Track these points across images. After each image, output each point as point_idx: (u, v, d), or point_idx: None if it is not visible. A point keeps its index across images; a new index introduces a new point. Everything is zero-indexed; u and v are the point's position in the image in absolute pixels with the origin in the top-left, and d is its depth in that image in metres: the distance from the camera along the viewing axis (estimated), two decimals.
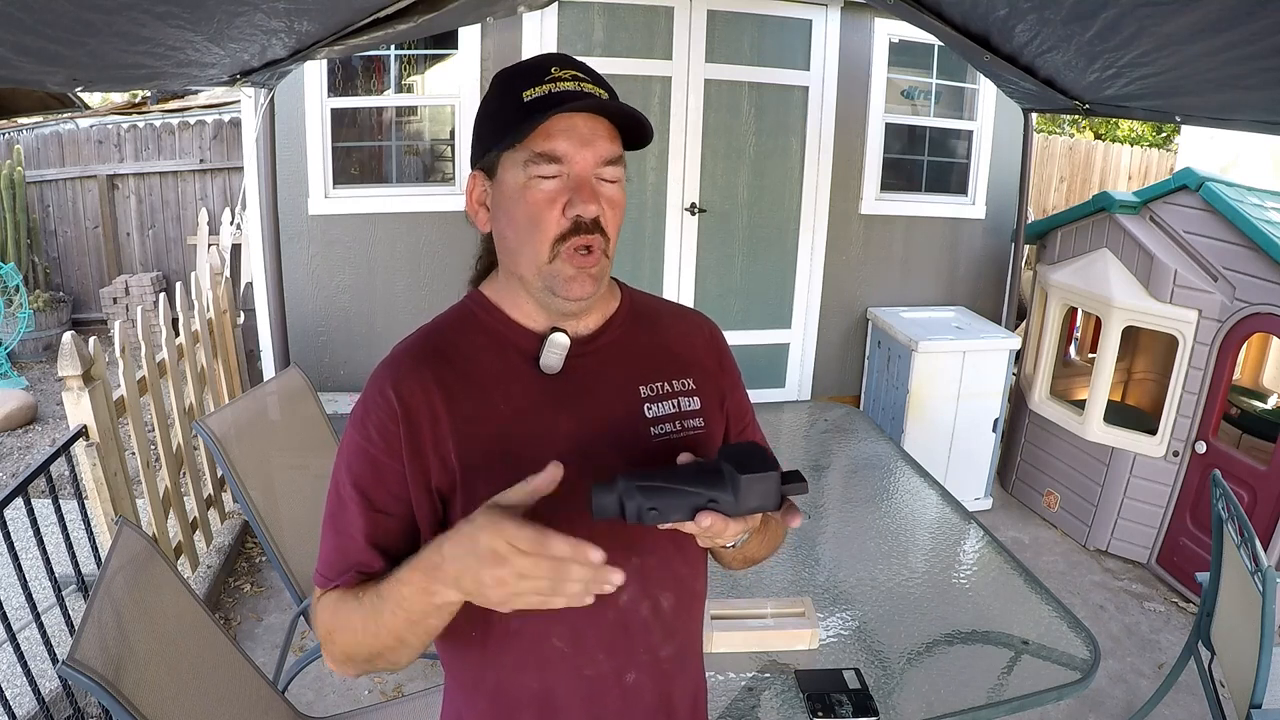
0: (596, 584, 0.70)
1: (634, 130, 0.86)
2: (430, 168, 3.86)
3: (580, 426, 0.88)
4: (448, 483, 0.85)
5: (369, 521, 0.86)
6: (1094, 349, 3.45)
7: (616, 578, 0.70)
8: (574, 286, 0.84)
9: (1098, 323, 3.33)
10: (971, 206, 4.25)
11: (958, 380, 3.47)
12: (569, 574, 0.68)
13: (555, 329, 0.89)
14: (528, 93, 0.82)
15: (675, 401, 0.93)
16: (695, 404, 0.94)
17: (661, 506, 0.76)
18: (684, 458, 0.82)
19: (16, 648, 1.77)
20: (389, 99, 3.71)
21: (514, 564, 0.68)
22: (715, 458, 0.81)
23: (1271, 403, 3.43)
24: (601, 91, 0.84)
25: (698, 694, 1.02)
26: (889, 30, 3.89)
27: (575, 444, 0.87)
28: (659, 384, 0.93)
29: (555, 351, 0.88)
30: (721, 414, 0.98)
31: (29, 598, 1.81)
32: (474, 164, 0.90)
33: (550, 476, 0.73)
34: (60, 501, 1.93)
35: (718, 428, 0.97)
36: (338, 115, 3.53)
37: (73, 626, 1.79)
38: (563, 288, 0.84)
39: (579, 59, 0.87)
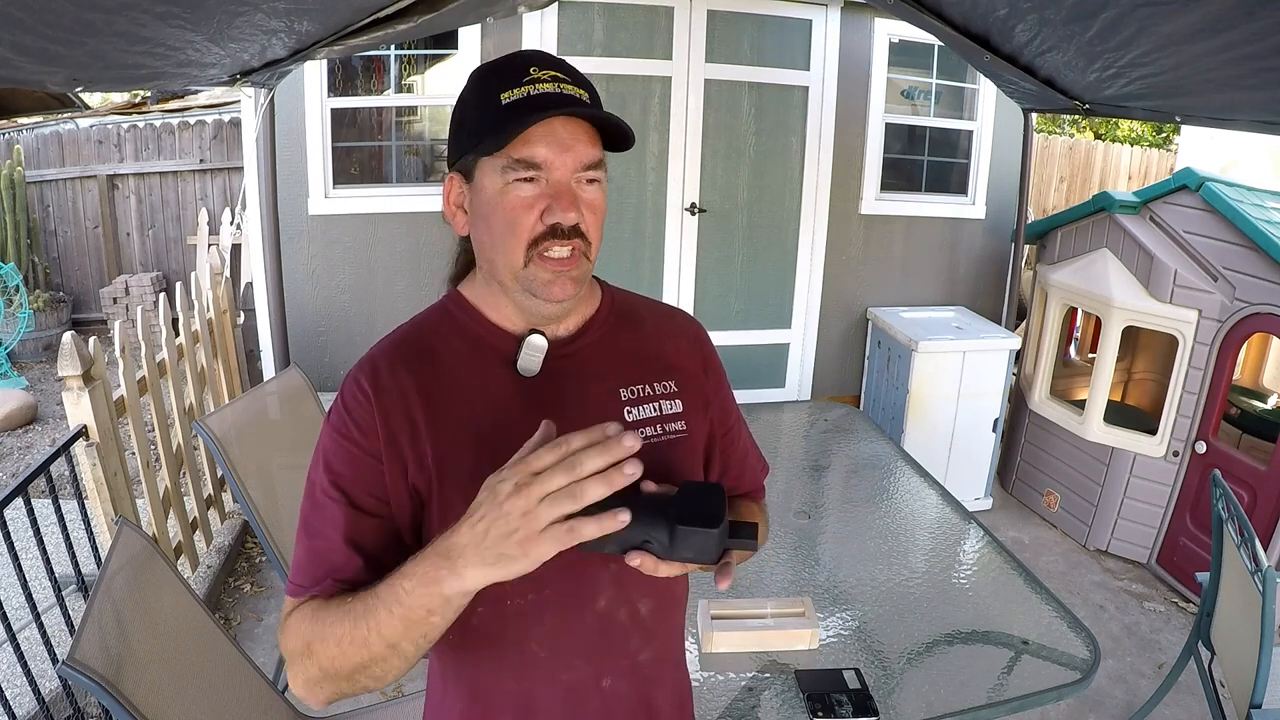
0: (614, 457, 0.65)
1: (615, 131, 0.84)
2: (430, 168, 3.86)
3: (558, 430, 0.86)
4: (424, 482, 0.83)
5: (347, 519, 0.82)
6: (1094, 349, 3.45)
7: (630, 441, 0.65)
8: (553, 289, 0.83)
9: (1098, 323, 3.33)
10: (971, 206, 4.25)
11: (958, 380, 3.47)
12: (583, 465, 0.64)
13: (533, 331, 0.88)
14: (505, 94, 0.79)
15: (657, 404, 0.92)
16: (678, 406, 0.93)
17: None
18: (647, 485, 0.80)
19: (16, 648, 1.77)
20: (389, 99, 3.71)
21: (533, 488, 0.65)
22: (673, 493, 0.78)
23: (1271, 403, 3.43)
24: (582, 92, 0.82)
25: (683, 696, 1.01)
26: (889, 30, 3.89)
27: None
28: (640, 386, 0.92)
29: (532, 354, 0.87)
30: (706, 416, 0.97)
31: (29, 598, 1.81)
32: (450, 165, 0.88)
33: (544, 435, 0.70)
34: (60, 501, 1.93)
35: (701, 431, 0.96)
36: (338, 115, 3.53)
37: (73, 626, 1.79)
38: (542, 290, 0.83)
39: (557, 56, 0.84)
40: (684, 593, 1.01)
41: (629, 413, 0.90)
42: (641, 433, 0.86)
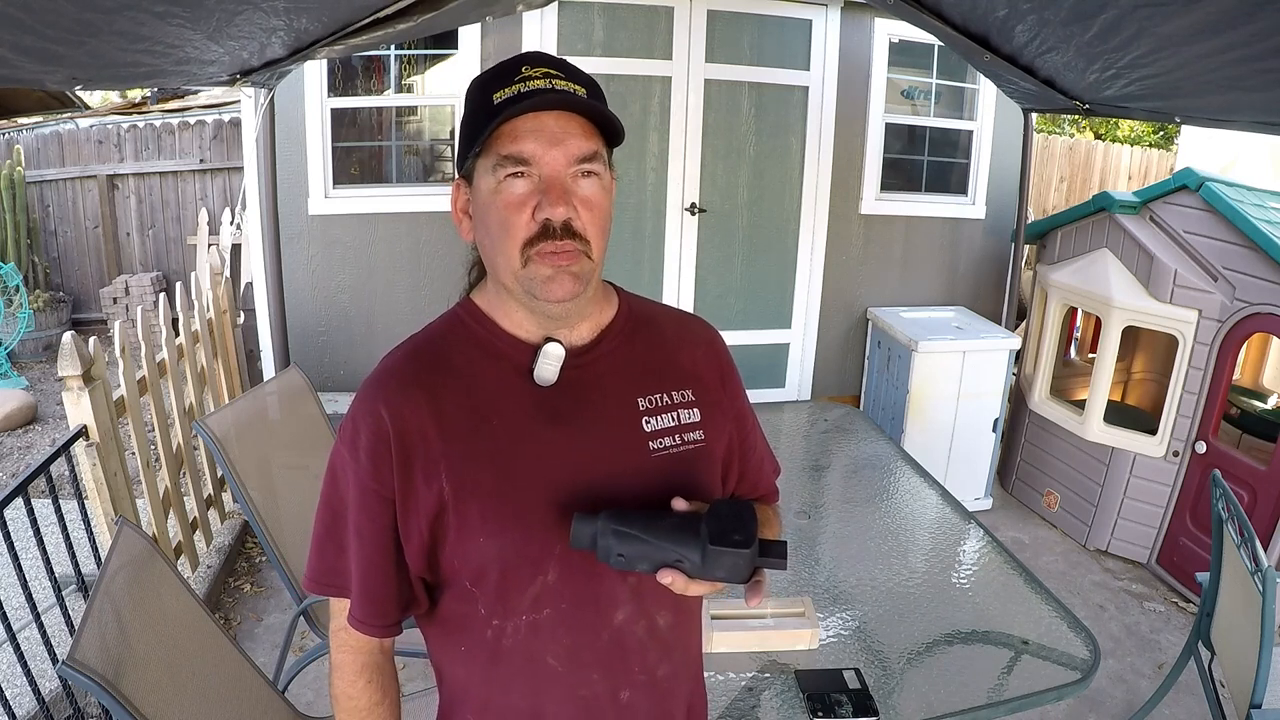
0: None
1: (609, 123, 0.82)
2: (430, 168, 3.86)
3: (576, 442, 0.85)
4: (438, 510, 0.82)
5: (388, 566, 0.86)
6: (1094, 349, 3.45)
7: None
8: (553, 287, 0.80)
9: (1098, 323, 3.33)
10: (971, 206, 4.25)
11: (958, 380, 3.47)
12: None
13: (549, 339, 0.86)
14: (497, 94, 0.79)
15: (675, 414, 0.90)
16: (695, 416, 0.91)
17: (629, 555, 0.77)
18: (678, 503, 0.81)
19: (16, 648, 1.77)
20: (389, 99, 3.71)
21: None
22: (704, 512, 0.79)
23: (1271, 403, 3.43)
24: (577, 87, 0.80)
25: (694, 702, 1.00)
26: (889, 30, 3.89)
27: (570, 460, 0.84)
28: (658, 396, 0.90)
29: (550, 363, 0.85)
30: (724, 425, 0.95)
31: (29, 598, 1.81)
32: (457, 171, 0.88)
33: None
34: (60, 501, 1.93)
35: (719, 440, 0.94)
36: (338, 115, 3.53)
37: (73, 626, 1.79)
38: (542, 289, 0.81)
39: (557, 56, 0.84)
40: (699, 604, 1.00)
41: (647, 423, 0.88)
42: (659, 443, 0.88)
